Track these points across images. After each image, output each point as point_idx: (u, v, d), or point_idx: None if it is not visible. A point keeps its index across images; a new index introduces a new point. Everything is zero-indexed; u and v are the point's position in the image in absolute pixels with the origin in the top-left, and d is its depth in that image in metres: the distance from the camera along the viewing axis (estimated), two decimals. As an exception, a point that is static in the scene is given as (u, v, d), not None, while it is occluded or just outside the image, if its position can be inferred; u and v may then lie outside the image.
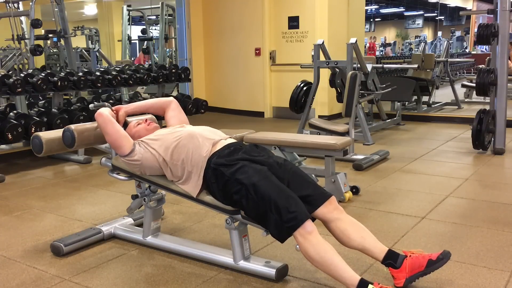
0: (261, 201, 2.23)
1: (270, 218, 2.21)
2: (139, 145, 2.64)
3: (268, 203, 2.21)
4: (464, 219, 3.32)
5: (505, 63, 5.25)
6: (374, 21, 22.77)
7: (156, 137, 2.64)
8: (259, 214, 2.26)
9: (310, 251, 2.15)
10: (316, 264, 2.18)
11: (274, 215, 2.19)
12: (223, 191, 2.39)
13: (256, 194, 2.25)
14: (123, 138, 2.64)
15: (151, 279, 2.50)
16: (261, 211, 2.24)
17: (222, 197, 2.41)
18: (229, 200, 2.38)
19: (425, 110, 8.42)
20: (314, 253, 2.15)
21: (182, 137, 2.56)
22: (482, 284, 2.38)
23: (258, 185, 2.25)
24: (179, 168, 2.52)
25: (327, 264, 2.14)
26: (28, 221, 3.46)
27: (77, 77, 5.66)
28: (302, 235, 2.16)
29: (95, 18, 11.01)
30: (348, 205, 3.62)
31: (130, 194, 2.97)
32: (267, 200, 2.22)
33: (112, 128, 2.65)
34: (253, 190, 2.25)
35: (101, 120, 2.67)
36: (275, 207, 2.19)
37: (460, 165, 4.89)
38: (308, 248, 2.15)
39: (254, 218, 2.33)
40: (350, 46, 5.78)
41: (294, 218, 2.16)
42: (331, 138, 3.82)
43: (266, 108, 8.67)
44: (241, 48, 8.70)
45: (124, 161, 2.68)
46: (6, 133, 4.72)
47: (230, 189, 2.34)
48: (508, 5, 5.14)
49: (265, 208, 2.22)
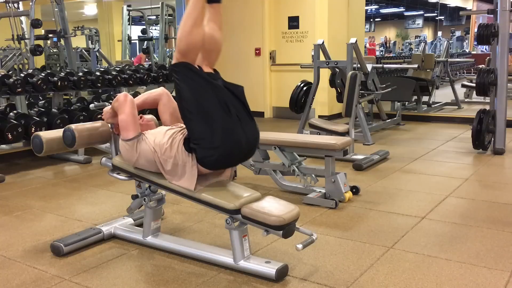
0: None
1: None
2: (141, 136, 2.70)
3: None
4: (464, 219, 3.32)
5: (505, 63, 5.25)
6: (374, 21, 22.75)
7: (154, 133, 2.71)
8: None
9: None
10: None
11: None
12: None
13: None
14: (135, 123, 2.72)
15: (151, 279, 2.50)
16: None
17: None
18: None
19: (425, 110, 8.42)
20: None
21: (175, 135, 2.62)
22: (482, 284, 2.38)
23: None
24: (171, 164, 2.55)
25: None
26: (28, 221, 3.46)
27: (77, 77, 5.66)
28: None
29: (95, 18, 11.01)
30: (348, 205, 3.62)
31: (130, 194, 2.97)
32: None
33: (130, 109, 2.73)
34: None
35: (124, 99, 2.74)
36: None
37: (460, 165, 4.89)
38: None
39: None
40: (350, 46, 5.78)
41: None
42: (331, 138, 3.82)
43: (266, 108, 8.67)
44: (241, 48, 8.70)
45: (124, 144, 2.71)
46: (6, 133, 4.72)
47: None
48: (508, 5, 5.15)
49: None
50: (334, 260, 2.67)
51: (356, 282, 2.42)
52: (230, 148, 2.45)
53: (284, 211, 2.40)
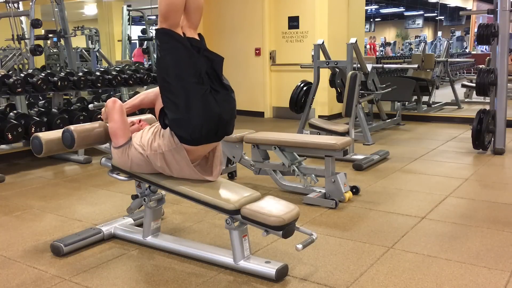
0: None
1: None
2: (131, 141, 2.72)
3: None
4: (464, 219, 3.32)
5: (505, 63, 5.25)
6: (374, 21, 22.75)
7: (139, 133, 2.74)
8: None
9: None
10: None
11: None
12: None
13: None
14: (124, 130, 2.73)
15: (151, 279, 2.50)
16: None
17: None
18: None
19: (425, 110, 8.42)
20: None
21: (157, 127, 2.66)
22: (482, 284, 2.38)
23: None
24: (159, 157, 2.57)
25: None
26: (28, 221, 3.46)
27: (77, 77, 5.66)
28: None
29: (95, 18, 11.01)
30: (348, 205, 3.62)
31: (130, 194, 2.97)
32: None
33: (119, 117, 2.74)
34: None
35: (112, 106, 2.76)
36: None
37: (460, 165, 4.89)
38: None
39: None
40: (350, 46, 5.78)
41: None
42: (331, 138, 3.83)
43: (266, 108, 8.67)
44: (241, 48, 8.70)
45: (115, 152, 2.74)
46: (6, 133, 4.72)
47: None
48: (508, 5, 5.15)
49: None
50: (334, 260, 2.67)
51: (356, 282, 2.42)
52: (203, 118, 2.43)
53: (284, 211, 2.40)
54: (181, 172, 2.61)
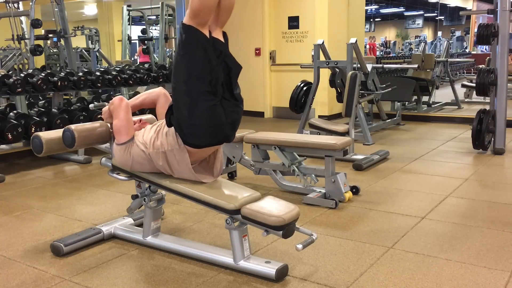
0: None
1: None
2: (134, 139, 2.73)
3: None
4: (464, 219, 3.32)
5: (505, 63, 5.25)
6: (374, 21, 22.75)
7: (141, 131, 2.75)
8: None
9: None
10: None
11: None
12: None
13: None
14: (128, 128, 2.74)
15: (151, 279, 2.51)
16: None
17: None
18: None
19: (425, 110, 8.42)
20: None
21: (160, 125, 2.65)
22: (482, 284, 2.38)
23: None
24: (161, 155, 2.57)
25: None
26: (28, 221, 3.46)
27: (77, 77, 5.66)
28: None
29: (95, 18, 11.01)
30: (348, 205, 3.62)
31: (130, 194, 2.97)
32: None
33: (125, 115, 2.75)
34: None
35: (119, 104, 2.76)
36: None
37: (460, 165, 4.89)
38: None
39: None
40: (350, 46, 5.78)
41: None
42: (331, 138, 3.83)
43: (266, 108, 8.67)
44: (241, 48, 8.68)
45: (118, 149, 2.74)
46: (6, 133, 4.72)
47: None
48: (508, 5, 5.15)
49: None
50: (334, 260, 2.67)
51: (356, 282, 2.42)
52: (207, 127, 2.42)
53: (284, 211, 2.40)
54: (180, 173, 2.61)
